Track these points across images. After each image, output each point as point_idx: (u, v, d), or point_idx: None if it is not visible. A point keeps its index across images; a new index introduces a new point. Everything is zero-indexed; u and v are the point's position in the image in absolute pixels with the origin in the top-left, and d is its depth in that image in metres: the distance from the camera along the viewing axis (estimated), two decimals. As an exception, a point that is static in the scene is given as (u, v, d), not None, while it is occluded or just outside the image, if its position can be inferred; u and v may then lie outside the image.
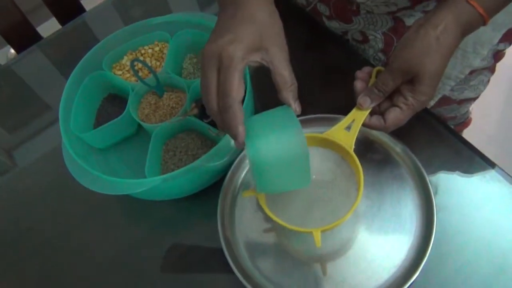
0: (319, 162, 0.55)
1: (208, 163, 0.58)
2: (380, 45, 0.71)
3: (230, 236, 0.59)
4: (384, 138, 0.61)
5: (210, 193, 0.62)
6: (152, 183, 0.56)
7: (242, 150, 0.62)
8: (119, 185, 0.58)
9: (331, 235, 0.56)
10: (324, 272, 0.55)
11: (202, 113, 0.65)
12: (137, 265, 0.62)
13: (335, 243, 0.56)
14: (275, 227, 0.59)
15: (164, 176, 0.57)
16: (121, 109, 0.68)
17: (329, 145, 0.55)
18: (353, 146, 0.53)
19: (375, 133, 0.61)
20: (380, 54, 0.72)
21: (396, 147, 0.61)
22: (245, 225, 0.60)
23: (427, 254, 0.52)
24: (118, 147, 0.69)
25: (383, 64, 0.72)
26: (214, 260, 0.59)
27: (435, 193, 0.56)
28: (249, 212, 0.60)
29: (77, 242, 0.65)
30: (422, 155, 0.59)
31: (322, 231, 0.49)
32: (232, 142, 0.59)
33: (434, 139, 0.63)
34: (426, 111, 0.64)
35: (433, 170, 0.59)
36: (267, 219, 0.55)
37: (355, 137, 0.53)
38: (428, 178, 0.57)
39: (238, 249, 0.58)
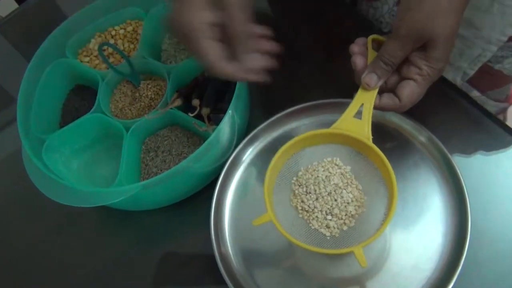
0: (330, 164, 0.54)
1: (196, 163, 0.57)
2: None
3: (225, 249, 0.58)
4: (405, 125, 0.59)
5: (201, 199, 0.62)
6: (130, 191, 0.55)
7: (237, 145, 0.61)
8: (91, 196, 0.57)
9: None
10: None
11: (187, 105, 0.63)
12: (119, 285, 0.61)
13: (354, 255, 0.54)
14: (284, 242, 0.57)
15: (144, 182, 0.56)
16: (91, 103, 0.66)
17: (340, 139, 0.53)
18: (371, 136, 0.51)
19: (393, 119, 0.59)
20: (396, 8, 0.69)
21: (420, 136, 0.59)
22: (243, 236, 0.59)
23: (461, 263, 0.50)
24: (90, 149, 0.68)
25: None
26: (209, 276, 0.58)
27: (469, 189, 0.54)
28: (247, 221, 0.58)
29: (48, 259, 0.65)
30: (452, 144, 0.57)
31: (363, 247, 0.46)
32: (226, 137, 0.58)
33: (467, 125, 0.61)
34: (457, 92, 0.62)
35: (466, 162, 0.58)
36: (268, 229, 0.53)
37: (369, 124, 0.51)
38: (460, 172, 0.55)
39: (236, 264, 0.57)
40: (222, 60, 0.47)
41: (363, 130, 0.51)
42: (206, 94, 0.62)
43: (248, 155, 0.63)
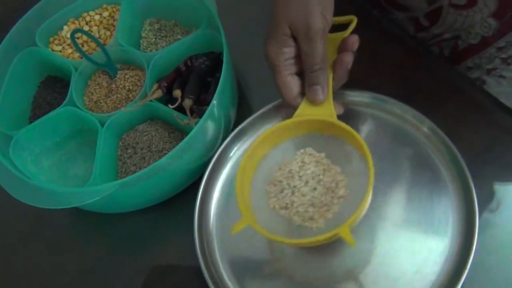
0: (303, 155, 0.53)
1: (177, 160, 0.55)
2: (492, 7, 0.66)
3: (211, 255, 0.56)
4: (406, 114, 0.58)
5: (184, 200, 0.60)
6: (105, 191, 0.53)
7: (223, 141, 0.60)
8: (63, 196, 0.55)
9: (342, 248, 0.53)
10: None
11: (168, 97, 0.61)
12: None
13: (350, 259, 0.53)
14: (273, 245, 0.56)
15: (121, 180, 0.54)
16: (64, 95, 0.65)
17: (306, 127, 0.53)
18: (335, 113, 0.51)
19: (388, 107, 0.58)
20: (490, 20, 0.67)
21: (423, 126, 0.57)
22: (230, 239, 0.57)
23: (468, 266, 0.49)
24: (63, 146, 0.67)
25: (494, 32, 0.67)
26: (194, 284, 0.57)
27: (477, 188, 0.52)
28: (235, 222, 0.57)
29: (16, 267, 0.63)
30: (459, 136, 0.56)
31: (351, 225, 0.45)
32: (210, 132, 0.58)
33: (476, 116, 0.60)
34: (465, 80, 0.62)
35: (474, 158, 0.56)
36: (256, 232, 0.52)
37: (331, 102, 0.52)
38: (467, 169, 0.53)
39: (223, 271, 0.56)
40: (297, 98, 0.53)
41: (328, 110, 0.52)
42: (188, 85, 0.61)
43: (236, 151, 0.62)
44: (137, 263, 0.60)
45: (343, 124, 0.50)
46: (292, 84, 0.52)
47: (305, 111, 0.52)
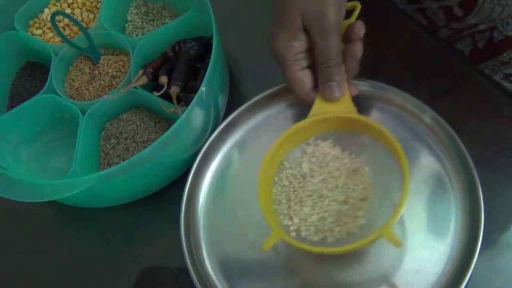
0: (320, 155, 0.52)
1: (163, 151, 0.54)
2: None
3: (198, 254, 0.55)
4: (407, 103, 0.56)
5: (170, 195, 0.59)
6: (85, 183, 0.52)
7: (213, 131, 0.59)
8: (41, 189, 0.54)
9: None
10: None
11: (154, 84, 0.60)
12: None
13: (347, 259, 0.52)
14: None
15: (103, 172, 0.53)
16: (44, 82, 0.64)
17: (326, 126, 0.52)
18: (354, 108, 0.50)
19: (388, 95, 0.57)
20: None
21: (425, 116, 0.56)
22: (220, 238, 0.56)
23: (472, 266, 0.48)
24: (42, 137, 0.66)
25: None
26: (180, 283, 0.55)
27: (483, 184, 0.51)
28: (225, 220, 0.56)
29: None
30: (465, 128, 0.54)
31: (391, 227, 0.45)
32: (198, 121, 0.56)
33: (483, 108, 0.58)
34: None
35: (479, 149, 0.54)
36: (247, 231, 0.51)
37: (348, 96, 0.51)
38: (472, 163, 0.52)
39: (209, 269, 0.55)
40: (310, 93, 0.51)
41: (346, 106, 0.50)
42: (176, 71, 0.59)
43: (226, 142, 0.60)
44: (121, 260, 0.59)
45: (370, 121, 0.49)
46: (304, 79, 0.51)
47: (321, 108, 0.51)
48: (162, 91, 0.57)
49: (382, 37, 0.60)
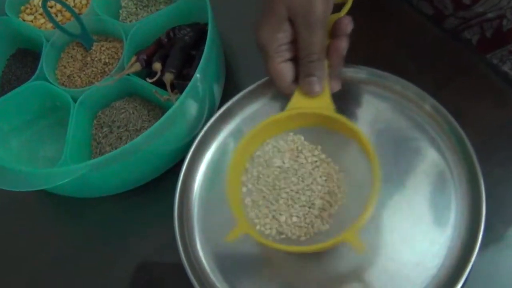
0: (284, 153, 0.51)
1: (156, 140, 0.53)
2: None
3: (192, 245, 0.54)
4: (407, 91, 0.56)
5: (164, 185, 0.59)
6: (76, 172, 0.51)
7: (208, 120, 0.58)
8: (31, 178, 0.53)
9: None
10: None
11: (148, 71, 0.59)
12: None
13: (346, 251, 0.52)
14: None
15: (94, 160, 0.52)
16: (35, 70, 0.63)
17: (301, 120, 0.51)
18: (333, 105, 0.49)
19: (388, 83, 0.57)
20: None
21: (425, 104, 0.55)
22: (214, 228, 0.55)
23: (471, 261, 0.47)
24: (33, 125, 0.65)
25: None
26: (174, 276, 0.55)
27: (485, 174, 0.50)
28: (220, 213, 0.54)
29: None
30: (467, 118, 0.54)
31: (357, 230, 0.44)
32: (193, 109, 0.56)
33: (487, 98, 0.58)
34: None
35: (481, 140, 0.54)
36: None
37: (328, 92, 0.50)
38: (474, 152, 0.51)
39: (204, 261, 0.54)
40: (291, 86, 0.51)
41: (325, 102, 0.50)
42: (170, 58, 0.59)
43: (222, 131, 0.59)
44: (113, 252, 0.59)
45: (346, 121, 0.48)
46: (286, 71, 0.50)
47: (299, 103, 0.50)
48: (155, 78, 0.56)
49: (386, 27, 0.59)
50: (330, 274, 0.51)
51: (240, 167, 0.50)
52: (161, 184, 0.59)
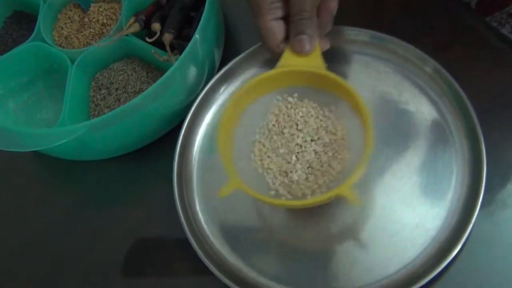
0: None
1: (154, 102, 0.53)
2: None
3: (191, 207, 0.54)
4: (408, 54, 0.55)
5: (164, 148, 0.58)
6: (74, 132, 0.51)
7: (208, 81, 0.57)
8: (28, 138, 0.53)
9: (338, 203, 0.51)
10: (330, 257, 0.50)
11: (147, 32, 0.58)
12: (61, 251, 0.57)
13: (347, 213, 0.52)
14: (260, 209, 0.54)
15: (92, 121, 0.52)
16: (31, 32, 0.62)
17: (294, 79, 0.50)
18: (323, 64, 0.48)
19: (389, 46, 0.56)
20: None
21: (426, 67, 0.55)
22: (214, 192, 0.52)
23: (472, 222, 0.47)
24: (30, 87, 0.64)
25: None
26: (173, 237, 0.55)
27: (485, 136, 0.50)
28: (219, 173, 0.53)
29: None
30: (468, 80, 0.53)
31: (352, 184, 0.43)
32: (192, 70, 0.55)
33: (488, 59, 0.57)
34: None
35: (483, 102, 0.53)
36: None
37: (319, 51, 0.49)
38: (475, 114, 0.51)
39: (204, 224, 0.54)
40: (281, 45, 0.50)
41: (315, 61, 0.49)
42: (169, 18, 0.58)
43: (221, 94, 0.59)
44: (110, 216, 0.58)
45: (338, 78, 0.47)
46: (276, 29, 0.49)
47: (289, 61, 0.49)
48: (154, 38, 0.56)
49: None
50: (329, 236, 0.51)
51: (232, 124, 0.49)
52: (160, 147, 0.59)
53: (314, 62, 0.49)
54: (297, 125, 0.49)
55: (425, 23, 0.59)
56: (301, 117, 0.50)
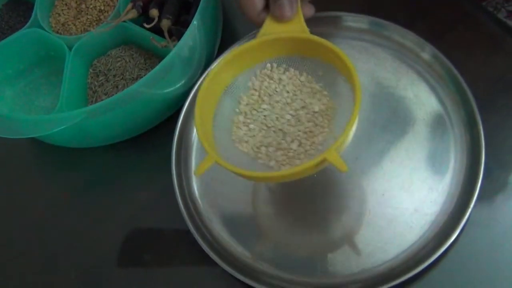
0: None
1: (152, 88, 0.53)
2: None
3: (190, 194, 0.55)
4: (406, 40, 0.55)
5: (161, 134, 0.58)
6: (72, 119, 0.51)
7: (204, 70, 0.57)
8: (25, 125, 0.53)
9: (334, 187, 0.51)
10: (328, 242, 0.51)
11: (145, 18, 0.58)
12: (57, 240, 0.57)
13: (344, 198, 0.52)
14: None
15: (90, 107, 0.52)
16: (28, 19, 0.62)
17: (277, 48, 0.47)
18: (307, 28, 0.46)
19: (386, 32, 0.56)
20: None
21: (424, 52, 0.55)
22: (213, 177, 0.54)
23: (470, 207, 0.47)
24: (28, 74, 0.64)
25: None
26: (173, 225, 0.55)
27: (484, 121, 0.50)
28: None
29: None
30: (466, 66, 0.53)
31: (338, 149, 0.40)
32: (191, 57, 0.55)
33: (486, 45, 0.57)
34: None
35: (481, 87, 0.53)
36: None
37: (301, 16, 0.46)
38: (473, 99, 0.51)
39: (203, 211, 0.54)
40: (261, 14, 0.47)
41: (298, 26, 0.46)
42: (167, 4, 0.57)
43: (220, 80, 0.58)
44: (109, 203, 0.58)
45: (322, 40, 0.44)
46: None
47: (271, 29, 0.46)
48: (152, 24, 0.55)
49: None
50: (328, 221, 0.51)
51: (211, 99, 0.46)
52: (158, 134, 0.59)
53: (297, 28, 0.46)
54: (282, 95, 0.47)
55: (422, 9, 0.59)
56: (287, 90, 0.48)
